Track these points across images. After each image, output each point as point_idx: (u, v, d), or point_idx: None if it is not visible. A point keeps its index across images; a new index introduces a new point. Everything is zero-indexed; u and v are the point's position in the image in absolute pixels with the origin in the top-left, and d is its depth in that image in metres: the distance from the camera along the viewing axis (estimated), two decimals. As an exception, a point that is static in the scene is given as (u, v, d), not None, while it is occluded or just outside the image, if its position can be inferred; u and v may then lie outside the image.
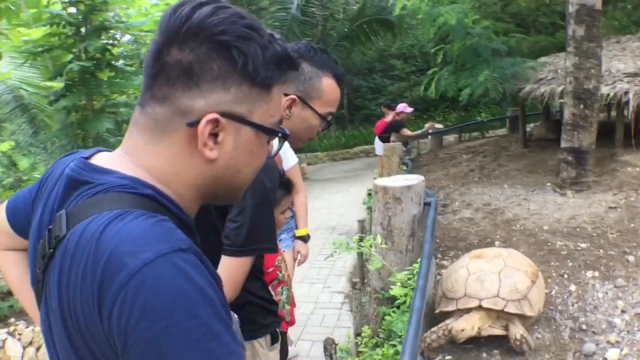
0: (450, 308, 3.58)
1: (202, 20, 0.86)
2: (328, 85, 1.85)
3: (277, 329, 2.19)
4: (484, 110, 19.13)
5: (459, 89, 9.41)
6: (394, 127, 10.02)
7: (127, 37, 9.00)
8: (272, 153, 1.11)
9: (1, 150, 6.59)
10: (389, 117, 10.21)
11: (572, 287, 4.21)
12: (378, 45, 21.58)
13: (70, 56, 7.47)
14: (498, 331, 3.49)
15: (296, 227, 3.83)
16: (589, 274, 4.36)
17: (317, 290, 6.10)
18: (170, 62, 0.88)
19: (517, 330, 3.41)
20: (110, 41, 7.09)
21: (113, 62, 7.77)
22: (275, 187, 1.81)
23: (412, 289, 3.75)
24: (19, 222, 1.15)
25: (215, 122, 0.88)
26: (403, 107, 10.16)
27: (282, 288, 2.97)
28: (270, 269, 2.84)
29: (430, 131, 13.49)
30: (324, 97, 1.84)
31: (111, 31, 7.17)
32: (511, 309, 3.39)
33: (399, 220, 4.58)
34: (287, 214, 2.84)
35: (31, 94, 9.77)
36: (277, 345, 2.16)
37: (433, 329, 3.55)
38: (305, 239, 3.65)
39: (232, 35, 0.87)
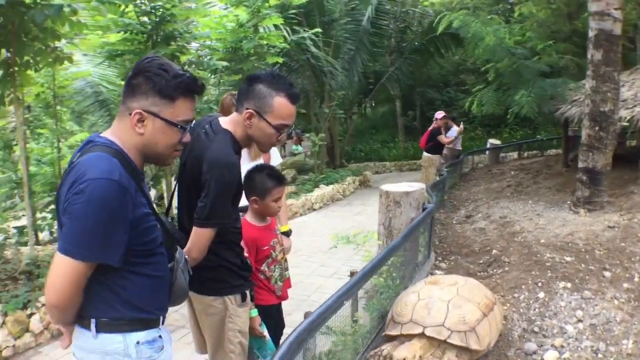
0: (394, 332, 3.48)
1: (142, 66, 1.78)
2: (279, 103, 2.34)
3: (248, 292, 2.79)
4: (549, 129, 18.87)
5: (507, 108, 9.69)
6: (433, 134, 10.37)
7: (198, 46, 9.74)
8: (184, 139, 1.89)
9: (78, 140, 7.56)
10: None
11: (541, 294, 4.54)
12: (453, 60, 21.69)
13: (142, 60, 8.35)
14: None
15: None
16: (562, 284, 4.65)
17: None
18: (130, 85, 1.78)
19: None
20: (178, 49, 7.84)
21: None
22: (233, 180, 2.41)
23: (392, 279, 4.30)
24: None
25: (140, 114, 1.75)
26: (438, 114, 10.51)
27: (274, 266, 3.38)
28: (266, 247, 3.31)
29: (488, 146, 13.71)
30: (275, 111, 2.34)
31: (180, 41, 7.94)
32: (455, 340, 3.26)
33: (398, 222, 5.18)
34: (280, 203, 3.36)
35: (109, 90, 10.88)
36: (246, 304, 2.73)
37: (371, 353, 3.49)
38: (288, 234, 3.94)
39: (151, 73, 1.75)
